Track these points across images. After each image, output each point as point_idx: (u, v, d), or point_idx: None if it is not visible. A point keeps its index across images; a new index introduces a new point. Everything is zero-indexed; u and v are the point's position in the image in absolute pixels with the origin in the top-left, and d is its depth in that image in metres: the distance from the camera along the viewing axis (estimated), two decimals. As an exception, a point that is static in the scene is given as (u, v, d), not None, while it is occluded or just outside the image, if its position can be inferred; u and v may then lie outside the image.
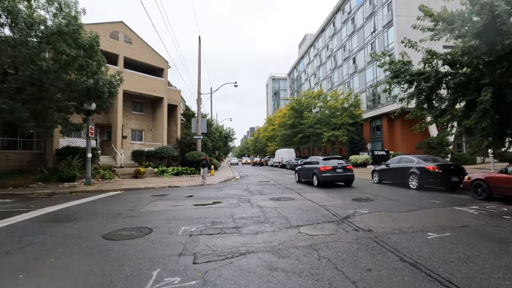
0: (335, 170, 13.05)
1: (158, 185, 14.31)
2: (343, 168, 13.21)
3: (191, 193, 11.61)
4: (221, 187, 14.13)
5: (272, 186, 13.73)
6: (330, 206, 7.86)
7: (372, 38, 35.78)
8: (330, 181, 13.07)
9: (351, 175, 13.31)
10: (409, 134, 31.43)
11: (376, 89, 34.89)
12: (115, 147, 21.07)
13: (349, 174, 13.23)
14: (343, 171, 13.15)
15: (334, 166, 13.14)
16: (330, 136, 29.98)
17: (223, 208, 7.90)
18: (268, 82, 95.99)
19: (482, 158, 30.68)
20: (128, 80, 21.96)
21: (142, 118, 25.29)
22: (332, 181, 13.14)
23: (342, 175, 13.13)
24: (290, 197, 9.67)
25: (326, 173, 12.88)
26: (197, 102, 23.20)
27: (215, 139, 36.85)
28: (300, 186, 13.37)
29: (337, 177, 13.13)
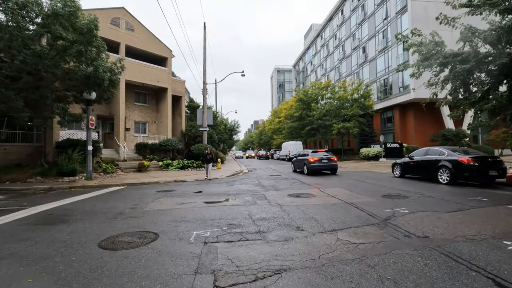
0: (321, 161, 15.38)
1: (163, 180, 13.40)
2: (327, 159, 15.51)
3: (199, 188, 10.68)
4: (230, 181, 13.17)
5: (285, 181, 12.75)
6: (360, 204, 6.85)
7: (384, 25, 34.20)
8: (317, 169, 15.38)
9: (335, 164, 15.70)
10: (422, 125, 30.20)
11: (388, 79, 33.48)
12: (118, 140, 20.19)
13: (333, 164, 15.59)
14: (328, 161, 15.48)
15: (321, 158, 15.48)
16: (341, 128, 28.81)
17: (238, 206, 6.94)
18: (273, 74, 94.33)
19: (500, 150, 29.34)
20: (131, 70, 20.98)
21: (145, 109, 24.34)
22: (318, 169, 15.43)
23: (327, 165, 15.46)
24: (310, 193, 8.67)
25: (314, 163, 15.28)
26: (202, 92, 22.17)
27: (221, 131, 35.89)
28: (313, 180, 12.37)
29: (323, 167, 15.42)
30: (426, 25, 28.49)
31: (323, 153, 16.08)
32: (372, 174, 15.40)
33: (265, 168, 22.77)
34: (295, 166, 18.14)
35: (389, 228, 4.80)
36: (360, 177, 13.81)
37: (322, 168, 15.48)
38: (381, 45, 34.64)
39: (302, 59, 71.35)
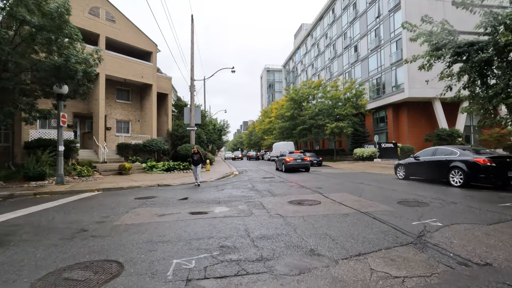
0: (296, 160, 18.41)
1: (145, 184, 11.98)
2: (301, 159, 18.53)
3: (185, 194, 9.36)
4: (220, 185, 11.89)
5: (282, 184, 11.58)
6: (378, 214, 5.74)
7: (377, 23, 33.68)
8: (293, 167, 18.31)
9: (307, 164, 18.61)
10: (416, 125, 29.74)
11: (381, 78, 32.93)
12: (97, 140, 18.54)
13: (305, 163, 18.50)
14: (301, 161, 18.46)
15: (295, 158, 18.56)
16: (334, 127, 27.94)
17: (231, 218, 5.69)
18: (263, 74, 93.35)
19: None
20: (112, 64, 19.42)
21: (128, 107, 22.70)
22: (293, 168, 18.34)
23: (301, 164, 18.39)
24: (314, 200, 7.52)
25: (290, 163, 18.25)
26: (190, 89, 20.76)
27: (209, 131, 34.48)
28: (313, 183, 11.25)
29: (297, 165, 18.33)
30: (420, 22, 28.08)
31: (297, 154, 19.14)
32: (373, 176, 14.45)
33: (257, 170, 21.57)
34: (277, 165, 21.16)
35: (431, 250, 3.67)
36: (361, 179, 12.80)
37: (297, 166, 18.38)
38: (374, 43, 34.10)
39: (292, 59, 70.65)
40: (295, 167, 18.31)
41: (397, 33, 29.83)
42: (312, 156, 25.73)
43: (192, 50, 20.69)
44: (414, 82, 27.80)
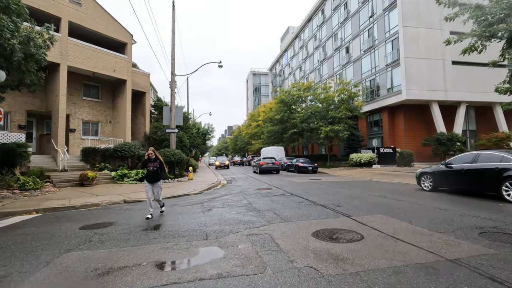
0: (268, 164, 21.89)
1: (107, 200, 9.16)
2: (272, 163, 22.35)
3: (157, 217, 6.69)
4: (207, 200, 9.26)
5: (284, 198, 9.12)
6: (485, 265, 3.37)
7: (370, 23, 32.31)
8: (265, 170, 21.78)
9: (278, 166, 22.77)
10: (413, 129, 28.27)
11: (375, 80, 31.41)
12: (56, 144, 15.41)
13: (276, 166, 22.46)
14: (272, 165, 22.16)
15: (268, 162, 22.32)
16: (329, 131, 25.90)
17: (232, 279, 3.14)
18: (249, 77, 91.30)
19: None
20: (76, 54, 16.45)
21: (98, 106, 19.60)
22: (266, 170, 21.86)
23: (272, 167, 22.02)
24: (348, 229, 5.09)
25: (263, 166, 21.65)
26: (170, 85, 18.02)
27: (193, 135, 31.61)
28: (324, 198, 8.86)
29: (270, 168, 21.91)
30: (418, 21, 26.83)
31: (270, 159, 23.74)
32: (387, 186, 12.27)
33: (246, 178, 19.02)
34: (254, 168, 24.98)
35: None
36: (377, 190, 10.55)
37: (269, 169, 22.14)
38: (367, 44, 32.69)
39: (279, 62, 69.05)
40: (268, 169, 22.21)
41: (393, 32, 28.44)
42: (306, 162, 23.51)
43: (173, 41, 18.02)
44: (412, 83, 26.37)
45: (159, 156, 6.98)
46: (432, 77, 26.90)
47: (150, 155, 6.83)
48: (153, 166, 6.83)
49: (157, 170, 6.89)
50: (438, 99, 26.99)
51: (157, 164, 6.88)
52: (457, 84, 27.29)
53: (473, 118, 30.80)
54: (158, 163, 6.89)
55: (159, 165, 6.91)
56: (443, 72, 27.28)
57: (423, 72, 26.67)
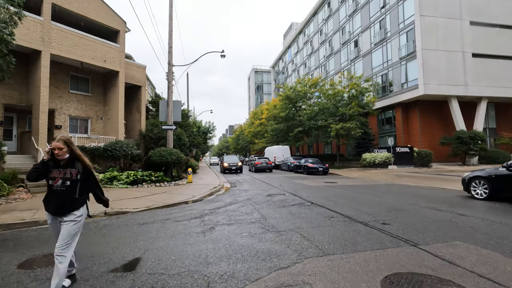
0: (262, 164, 24.79)
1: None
2: (266, 163, 25.11)
3: (139, 241, 4.81)
4: (208, 213, 7.34)
5: (308, 210, 7.22)
6: None
7: (381, 14, 30.32)
8: (259, 169, 24.56)
9: (271, 166, 25.38)
10: (429, 127, 26.28)
11: (387, 74, 29.45)
12: (36, 142, 13.55)
13: (269, 165, 25.08)
14: (266, 164, 24.93)
15: (262, 162, 25.12)
16: (340, 129, 23.94)
17: None
18: (251, 75, 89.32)
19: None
20: (61, 40, 14.57)
21: (87, 101, 17.72)
22: (260, 169, 24.60)
23: (266, 166, 24.74)
24: (438, 276, 3.18)
25: (258, 165, 24.56)
26: (167, 77, 16.11)
27: (193, 134, 29.72)
28: (330, 196, 6.95)
29: (264, 167, 24.61)
30: (435, 10, 24.85)
31: (263, 159, 26.28)
32: (424, 192, 10.35)
33: (252, 181, 17.12)
34: (249, 167, 26.99)
35: None
36: (419, 199, 8.62)
37: (263, 168, 24.63)
38: (378, 37, 30.72)
39: (282, 59, 67.08)
40: (262, 168, 24.59)
41: (407, 23, 26.44)
42: (316, 163, 21.59)
43: (171, 27, 16.12)
44: (429, 77, 24.39)
45: (80, 155, 3.08)
46: (451, 70, 24.93)
47: (56, 152, 2.94)
48: (62, 178, 2.97)
49: (71, 188, 2.98)
50: (457, 94, 25.00)
51: (74, 174, 2.99)
52: (478, 78, 25.31)
53: (493, 115, 28.79)
54: (76, 171, 3.01)
55: (79, 175, 3.03)
56: (463, 65, 25.30)
57: (441, 65, 24.69)
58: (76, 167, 3.03)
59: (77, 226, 3.04)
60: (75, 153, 3.06)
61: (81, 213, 3.11)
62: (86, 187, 3.17)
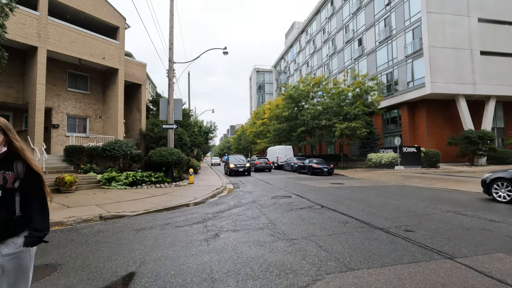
0: (261, 164, 25.63)
1: (77, 215, 6.76)
2: (265, 163, 26.02)
3: (135, 249, 4.27)
4: (211, 217, 6.80)
5: (318, 215, 6.67)
6: None
7: (386, 12, 29.74)
8: (259, 168, 25.22)
9: (270, 165, 26.38)
10: (436, 127, 25.67)
11: (392, 73, 28.86)
12: (32, 142, 13.06)
13: (268, 165, 26.03)
14: (265, 164, 25.85)
15: (261, 162, 26.05)
16: (345, 128, 23.35)
17: None
18: (252, 75, 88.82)
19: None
20: (58, 36, 14.10)
21: (86, 99, 17.24)
22: (260, 169, 25.29)
23: (265, 166, 25.61)
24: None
25: (257, 165, 25.32)
26: (167, 74, 15.59)
27: (194, 133, 29.22)
28: (340, 197, 6.40)
29: (263, 167, 25.40)
30: (443, 7, 24.25)
31: (262, 159, 27.01)
32: (439, 194, 9.77)
33: (255, 181, 16.58)
34: None
35: None
36: (437, 202, 8.05)
37: (262, 167, 25.30)
38: (383, 35, 30.13)
39: (284, 58, 66.57)
40: (261, 168, 25.34)
41: (413, 20, 25.86)
42: (321, 163, 21.04)
43: (172, 23, 15.60)
44: (437, 75, 23.79)
45: (22, 150, 1.88)
46: (459, 68, 24.32)
47: None
48: None
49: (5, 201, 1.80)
50: (465, 93, 24.39)
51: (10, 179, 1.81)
52: (487, 76, 24.69)
53: (501, 115, 28.14)
54: (13, 175, 1.83)
55: (18, 182, 1.84)
56: (471, 63, 24.69)
57: (449, 63, 24.09)
58: (14, 169, 1.83)
59: (20, 263, 1.81)
60: (14, 146, 1.86)
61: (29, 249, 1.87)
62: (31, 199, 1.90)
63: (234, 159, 22.19)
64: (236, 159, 22.40)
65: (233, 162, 21.55)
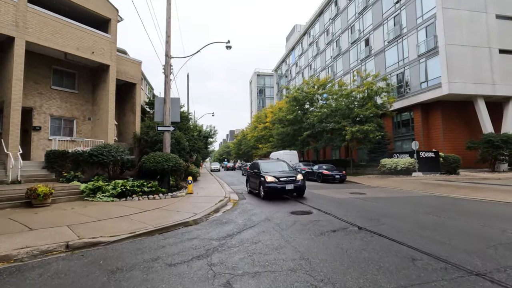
0: None
1: (35, 244, 4.93)
2: None
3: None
4: (217, 247, 4.99)
5: (363, 243, 4.92)
6: None
7: (396, 10, 28.30)
8: None
9: None
10: (452, 130, 23.99)
11: (404, 73, 27.31)
12: (6, 146, 11.32)
13: None
14: None
15: None
16: (356, 131, 21.63)
17: None
18: (252, 78, 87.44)
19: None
20: (39, 26, 12.43)
21: (73, 99, 15.51)
22: None
23: None
24: None
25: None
26: (164, 70, 13.88)
27: (194, 138, 27.46)
28: (373, 214, 4.65)
29: None
30: (459, 2, 22.79)
31: None
32: (498, 209, 8.04)
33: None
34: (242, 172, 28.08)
35: None
36: (499, 220, 6.28)
37: None
38: (392, 34, 28.65)
39: (285, 62, 65.22)
40: None
41: (427, 17, 24.36)
42: (332, 169, 19.30)
43: (169, 14, 13.96)
44: (454, 75, 22.19)
45: None
46: (477, 68, 22.76)
47: None
48: None
49: None
50: (484, 93, 22.79)
51: None
52: (506, 76, 23.12)
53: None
54: None
55: None
56: (489, 62, 23.15)
57: (466, 62, 22.53)
58: None
59: None
60: None
61: None
62: None
63: (272, 166, 12.58)
64: (275, 165, 12.71)
65: (271, 170, 11.86)
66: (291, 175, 11.28)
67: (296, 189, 11.05)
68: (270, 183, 10.81)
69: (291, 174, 11.52)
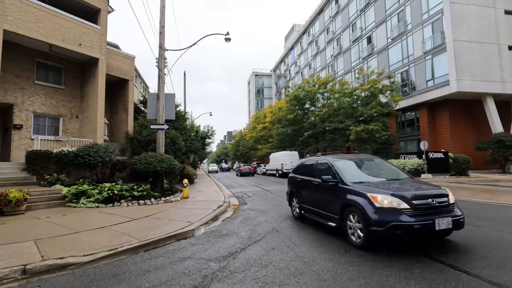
0: (245, 169, 32.08)
1: (-23, 272, 3.82)
2: (249, 168, 32.57)
3: None
4: (214, 272, 3.90)
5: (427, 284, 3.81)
6: None
7: (400, 6, 27.41)
8: (244, 173, 31.28)
9: (253, 171, 32.67)
10: (460, 129, 23.05)
11: (408, 71, 26.40)
12: (-21, 145, 10.10)
13: (251, 171, 32.27)
14: (249, 169, 32.27)
15: (245, 168, 32.85)
16: (361, 131, 20.61)
17: None
18: (251, 79, 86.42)
19: None
20: (20, 15, 11.28)
21: (59, 95, 14.35)
22: (245, 173, 31.28)
23: (249, 171, 31.80)
24: None
25: (242, 170, 31.75)
26: (158, 64, 12.77)
27: (190, 138, 26.31)
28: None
29: (247, 172, 31.48)
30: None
31: (247, 166, 35.87)
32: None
33: (262, 193, 13.74)
34: (236, 172, 34.51)
35: None
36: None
37: (247, 173, 31.45)
38: (396, 31, 27.75)
39: (284, 61, 64.28)
40: (246, 173, 31.12)
41: (433, 13, 23.46)
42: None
43: (163, 2, 12.87)
44: (463, 72, 21.29)
45: None
46: (486, 65, 21.87)
47: None
48: None
49: None
50: (494, 92, 21.90)
51: None
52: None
53: (528, 117, 25.66)
54: None
55: None
56: (498, 59, 22.28)
57: (475, 59, 21.64)
58: None
59: None
60: None
61: None
62: None
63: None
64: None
65: (372, 182, 5.36)
66: (436, 193, 4.65)
67: (456, 227, 4.51)
68: (388, 213, 4.37)
69: (434, 190, 4.77)
